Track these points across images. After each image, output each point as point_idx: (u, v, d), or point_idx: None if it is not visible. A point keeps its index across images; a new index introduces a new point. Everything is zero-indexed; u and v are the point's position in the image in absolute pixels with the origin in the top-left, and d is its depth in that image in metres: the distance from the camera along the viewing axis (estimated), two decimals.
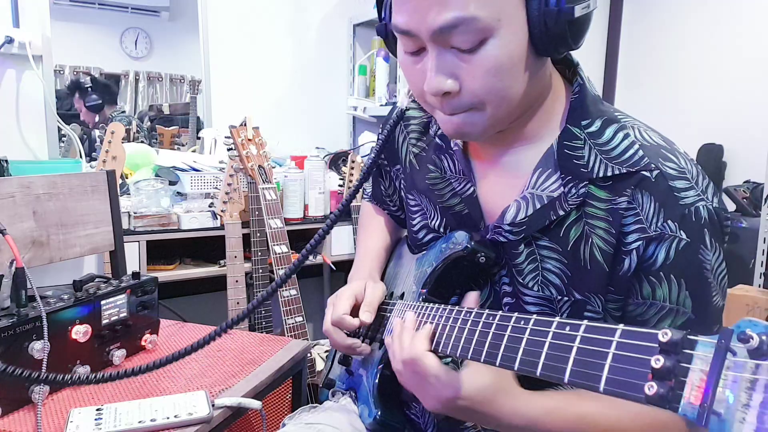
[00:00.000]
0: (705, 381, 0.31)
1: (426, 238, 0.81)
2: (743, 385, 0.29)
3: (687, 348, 0.33)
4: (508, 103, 0.62)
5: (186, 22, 2.24)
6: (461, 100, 0.61)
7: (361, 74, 2.54)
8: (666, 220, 0.62)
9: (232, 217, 1.69)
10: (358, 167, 2.02)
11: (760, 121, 2.53)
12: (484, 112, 0.62)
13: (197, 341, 0.61)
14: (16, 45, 1.85)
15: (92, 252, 1.35)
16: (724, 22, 2.68)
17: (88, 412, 0.84)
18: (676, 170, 0.63)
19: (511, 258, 0.69)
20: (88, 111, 2.15)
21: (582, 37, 0.61)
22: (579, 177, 0.65)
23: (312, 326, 2.54)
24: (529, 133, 0.69)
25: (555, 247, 0.67)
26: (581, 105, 0.67)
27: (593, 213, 0.65)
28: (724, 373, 0.30)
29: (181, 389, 0.95)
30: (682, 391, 0.33)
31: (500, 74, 0.59)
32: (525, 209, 0.67)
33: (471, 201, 0.74)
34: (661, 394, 0.33)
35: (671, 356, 0.34)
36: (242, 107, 2.31)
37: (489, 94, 0.60)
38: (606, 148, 0.65)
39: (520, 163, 0.70)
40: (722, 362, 0.31)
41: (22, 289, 0.88)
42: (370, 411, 0.77)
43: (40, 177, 1.23)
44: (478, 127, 0.64)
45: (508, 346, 0.49)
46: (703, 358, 0.32)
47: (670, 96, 2.95)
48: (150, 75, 2.23)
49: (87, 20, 2.08)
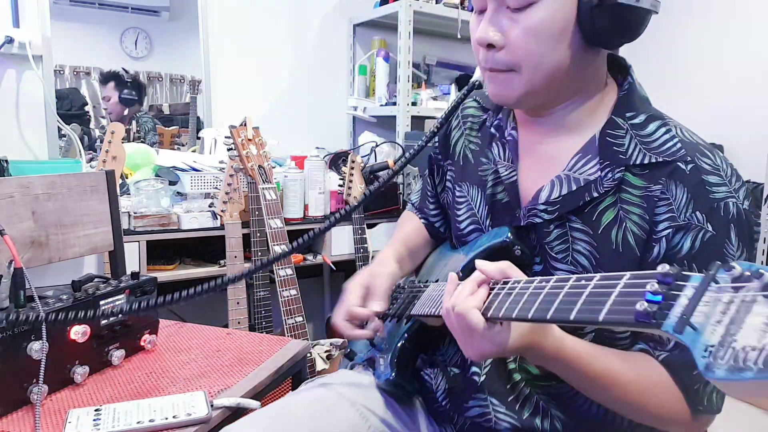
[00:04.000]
0: (689, 301, 0.36)
1: (468, 230, 0.84)
2: (720, 306, 0.33)
3: (681, 280, 0.38)
4: (544, 71, 0.67)
5: (186, 22, 2.24)
6: (502, 56, 0.67)
7: (361, 74, 2.54)
8: (695, 211, 0.64)
9: (232, 217, 1.69)
10: (358, 167, 2.02)
11: (760, 121, 2.52)
12: (520, 75, 0.67)
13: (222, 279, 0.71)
14: (16, 45, 1.85)
15: (91, 252, 1.35)
16: (724, 22, 2.68)
17: (87, 412, 0.84)
18: (710, 166, 0.66)
19: (543, 237, 0.72)
20: (120, 103, 2.17)
21: (628, 31, 0.66)
22: (617, 162, 0.68)
23: (312, 326, 2.54)
24: (573, 123, 0.73)
25: (586, 229, 0.70)
26: (628, 100, 0.72)
27: (628, 199, 0.68)
28: (707, 295, 0.35)
29: (179, 389, 0.95)
30: (669, 311, 0.37)
31: (539, 37, 0.65)
32: (559, 189, 0.70)
33: (512, 187, 0.77)
34: (648, 311, 0.38)
35: (665, 285, 0.38)
36: (242, 107, 2.31)
37: (526, 55, 0.66)
38: (647, 139, 0.69)
39: (561, 151, 0.73)
40: (706, 286, 0.35)
41: (20, 289, 0.87)
42: (385, 372, 0.82)
43: (39, 177, 1.23)
44: (515, 90, 0.69)
45: (544, 300, 0.53)
46: (693, 287, 0.37)
47: (670, 96, 2.94)
48: (150, 75, 2.23)
49: (87, 20, 2.08)
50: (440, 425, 0.84)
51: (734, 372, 0.30)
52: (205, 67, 2.25)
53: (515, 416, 0.75)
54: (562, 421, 0.74)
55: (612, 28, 0.64)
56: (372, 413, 0.82)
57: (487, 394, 0.77)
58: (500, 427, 0.75)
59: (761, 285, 0.32)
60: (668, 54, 2.95)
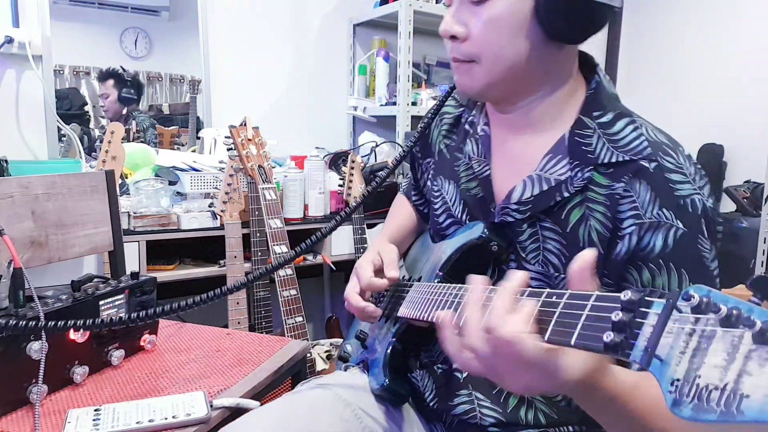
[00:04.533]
0: (653, 331, 0.36)
1: (446, 223, 0.86)
2: (683, 336, 0.33)
3: (644, 307, 0.38)
4: (504, 62, 0.69)
5: (186, 22, 2.23)
6: (464, 47, 0.70)
7: (361, 74, 2.53)
8: (661, 209, 0.65)
9: (232, 217, 1.69)
10: (358, 167, 2.02)
11: (760, 121, 2.52)
12: (481, 66, 0.70)
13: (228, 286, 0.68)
14: (16, 45, 1.85)
15: (91, 252, 1.35)
16: (724, 22, 2.67)
17: (86, 412, 0.84)
18: (673, 165, 0.66)
19: (516, 236, 0.74)
20: (119, 102, 2.16)
21: (585, 25, 0.66)
22: (585, 162, 0.69)
23: (312, 326, 2.54)
24: (542, 121, 0.74)
25: (556, 228, 0.71)
26: (596, 99, 0.72)
27: (593, 197, 0.68)
28: (669, 326, 0.35)
29: (179, 390, 0.95)
30: (635, 340, 0.37)
31: (498, 29, 0.67)
32: (531, 189, 0.71)
33: (485, 182, 0.78)
34: (616, 342, 0.38)
35: (629, 312, 0.38)
36: (242, 107, 2.31)
37: (485, 46, 0.69)
38: (614, 138, 0.69)
39: (532, 150, 0.74)
40: (667, 316, 0.35)
41: (20, 289, 0.87)
42: (378, 378, 0.83)
43: (39, 177, 1.22)
44: (477, 80, 0.71)
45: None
46: (656, 315, 0.36)
47: (670, 96, 2.94)
48: (150, 75, 2.23)
49: (87, 20, 2.08)
50: (430, 423, 0.85)
51: (699, 412, 0.30)
52: (205, 67, 2.25)
53: (500, 409, 0.76)
54: (544, 413, 0.75)
55: (568, 21, 0.66)
56: (367, 414, 0.83)
57: (472, 389, 0.78)
58: (486, 422, 0.76)
59: (719, 319, 0.31)
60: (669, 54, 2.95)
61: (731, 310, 0.31)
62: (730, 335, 0.30)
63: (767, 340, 0.29)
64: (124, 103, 2.18)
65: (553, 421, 0.75)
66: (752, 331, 0.29)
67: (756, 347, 0.29)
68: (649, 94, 3.05)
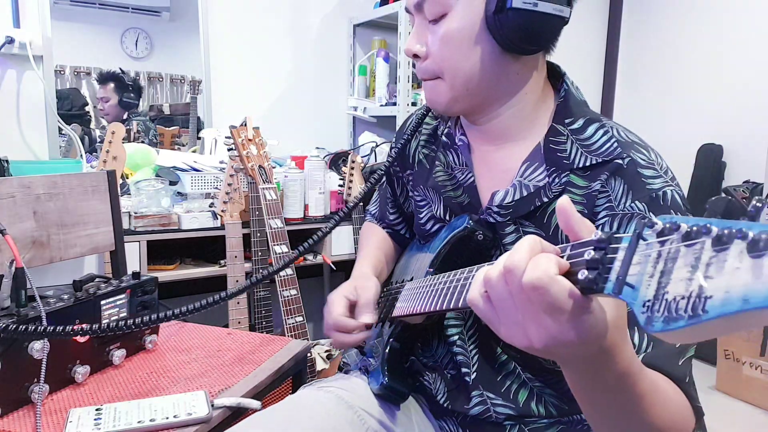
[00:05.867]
0: (622, 263, 0.37)
1: (433, 228, 0.87)
2: (650, 261, 0.35)
3: (614, 243, 0.39)
4: (462, 76, 0.72)
5: (186, 23, 2.24)
6: (427, 65, 0.74)
7: (361, 74, 2.54)
8: (634, 201, 0.67)
9: (232, 217, 1.70)
10: (358, 167, 2.02)
11: (760, 121, 2.53)
12: (444, 81, 0.73)
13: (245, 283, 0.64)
14: (16, 45, 1.85)
15: (92, 252, 1.35)
16: (723, 22, 2.68)
17: (88, 412, 0.84)
18: (645, 160, 0.69)
19: (502, 238, 0.76)
20: (120, 106, 2.17)
21: (535, 35, 0.69)
22: (561, 167, 0.72)
23: (312, 326, 2.54)
24: (515, 130, 0.76)
25: (539, 232, 0.73)
26: (566, 107, 0.75)
27: (572, 198, 0.70)
28: (637, 254, 0.36)
29: (180, 389, 0.96)
30: (608, 275, 0.38)
31: (452, 45, 0.70)
32: (512, 194, 0.74)
33: (471, 189, 0.80)
34: (590, 278, 0.40)
35: (600, 250, 0.40)
36: (242, 107, 2.31)
37: (443, 62, 0.72)
38: (586, 143, 0.72)
39: (510, 158, 0.76)
40: (635, 246, 0.37)
41: (21, 289, 0.88)
42: (378, 378, 0.84)
43: (40, 177, 1.23)
44: (443, 96, 0.74)
45: None
46: (624, 249, 0.38)
47: (669, 96, 2.95)
48: (150, 75, 2.23)
49: (87, 20, 2.08)
50: (440, 420, 0.86)
51: (669, 322, 0.32)
52: (205, 67, 2.26)
53: (512, 405, 0.77)
54: (554, 405, 0.76)
55: (517, 33, 0.67)
56: (370, 416, 0.83)
57: (483, 390, 0.79)
58: (500, 419, 0.78)
59: (680, 236, 0.33)
60: (668, 54, 2.95)
61: (691, 227, 0.32)
62: (692, 249, 0.32)
63: (724, 242, 0.30)
64: (126, 108, 2.18)
65: (564, 411, 0.77)
66: (710, 237, 0.31)
67: (715, 252, 0.30)
68: (648, 94, 3.06)
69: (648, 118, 3.05)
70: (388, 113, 2.35)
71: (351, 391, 0.86)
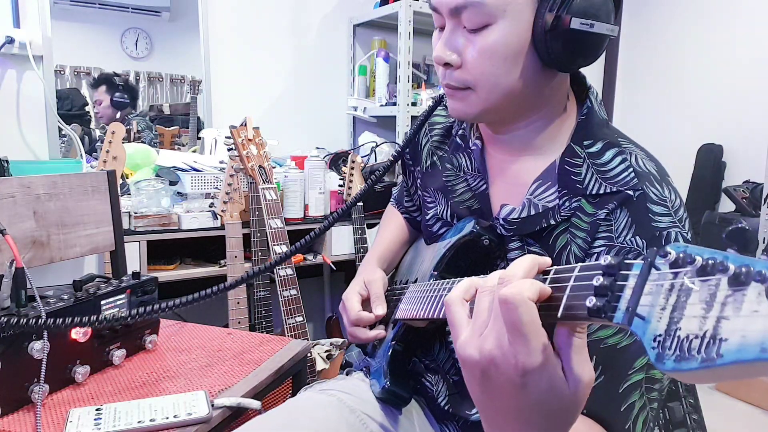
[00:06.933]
0: (632, 292, 0.36)
1: (439, 230, 0.86)
2: (662, 293, 0.34)
3: (624, 270, 0.38)
4: (500, 91, 0.68)
5: (186, 22, 2.24)
6: (459, 75, 0.69)
7: (361, 74, 2.54)
8: (635, 236, 0.65)
9: (232, 217, 1.69)
10: (358, 167, 2.02)
11: (760, 121, 2.53)
12: (477, 93, 0.69)
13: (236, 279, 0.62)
14: (16, 45, 1.85)
15: (92, 252, 1.35)
16: (723, 22, 2.68)
17: (88, 412, 0.84)
18: (657, 196, 0.66)
19: (507, 252, 0.75)
20: (112, 106, 2.16)
21: (584, 55, 0.66)
22: (574, 192, 0.69)
23: (312, 326, 2.54)
24: (537, 146, 0.74)
25: (543, 253, 0.71)
26: (586, 126, 0.72)
27: (578, 224, 0.69)
28: (648, 284, 0.35)
29: (180, 389, 0.96)
30: (617, 303, 0.37)
31: (494, 58, 0.66)
32: (519, 212, 0.72)
33: (483, 197, 0.78)
34: (598, 306, 0.38)
35: (609, 277, 0.38)
36: (242, 107, 2.31)
37: (481, 75, 0.67)
38: (602, 168, 0.69)
39: (524, 173, 0.74)
40: (646, 275, 0.35)
41: (22, 289, 0.88)
42: (380, 381, 0.83)
43: (40, 177, 1.23)
44: (472, 107, 0.70)
45: None
46: (635, 276, 0.37)
47: (669, 96, 2.95)
48: (150, 75, 2.23)
49: (87, 20, 2.08)
50: (441, 423, 0.85)
51: (681, 362, 0.31)
52: (205, 67, 2.26)
53: None
54: None
55: (567, 52, 0.65)
56: (371, 419, 0.83)
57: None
58: None
59: (695, 269, 0.32)
60: (668, 55, 2.95)
61: (707, 261, 0.31)
62: (707, 284, 0.31)
63: (741, 282, 0.29)
64: (118, 108, 2.18)
65: None
66: (727, 275, 0.30)
67: (732, 291, 0.29)
68: (648, 94, 3.06)
69: (648, 118, 3.05)
70: (388, 113, 2.35)
71: (353, 393, 0.85)
